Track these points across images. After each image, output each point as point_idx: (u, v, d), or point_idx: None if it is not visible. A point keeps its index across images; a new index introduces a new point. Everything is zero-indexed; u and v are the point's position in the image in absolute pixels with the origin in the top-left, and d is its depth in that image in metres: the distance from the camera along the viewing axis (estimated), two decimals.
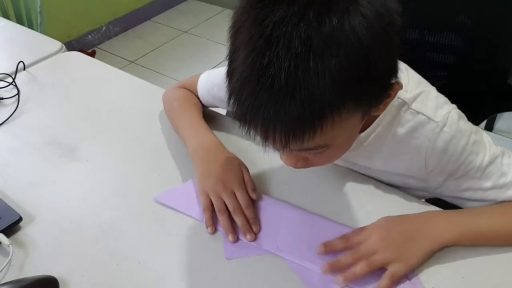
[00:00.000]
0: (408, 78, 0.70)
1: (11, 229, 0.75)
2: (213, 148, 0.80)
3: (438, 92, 0.72)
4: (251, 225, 0.72)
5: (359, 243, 0.67)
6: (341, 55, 0.49)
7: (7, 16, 1.84)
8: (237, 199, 0.73)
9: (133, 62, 2.73)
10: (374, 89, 0.55)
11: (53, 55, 1.20)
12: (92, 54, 2.67)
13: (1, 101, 1.05)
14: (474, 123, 0.72)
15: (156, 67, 2.66)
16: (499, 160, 0.70)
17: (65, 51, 1.22)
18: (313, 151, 0.59)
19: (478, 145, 0.69)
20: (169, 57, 2.75)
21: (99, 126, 0.97)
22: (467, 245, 0.67)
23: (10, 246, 0.71)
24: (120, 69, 1.17)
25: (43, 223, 0.77)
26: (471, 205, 0.72)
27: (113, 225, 0.76)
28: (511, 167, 0.70)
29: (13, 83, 1.08)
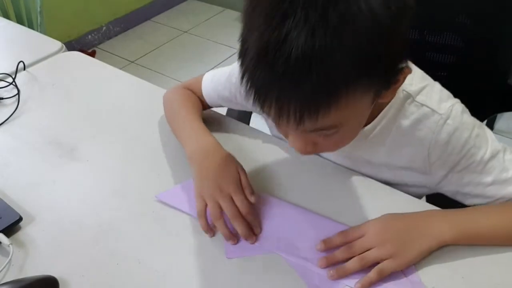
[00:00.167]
0: (412, 72, 0.71)
1: (11, 229, 0.75)
2: (211, 150, 0.78)
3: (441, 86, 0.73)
4: (252, 227, 0.71)
5: (356, 239, 0.67)
6: (357, 31, 0.51)
7: (7, 16, 1.84)
8: (235, 204, 0.71)
9: (133, 62, 2.73)
10: (386, 68, 0.56)
11: (53, 55, 1.20)
12: (92, 54, 2.67)
13: (1, 101, 1.05)
14: None
15: (156, 67, 2.66)
16: (501, 155, 0.70)
17: (65, 51, 1.22)
18: (325, 132, 0.59)
19: (480, 139, 0.69)
20: (169, 57, 2.75)
21: (99, 126, 0.97)
22: (466, 244, 0.67)
23: (10, 246, 0.71)
24: (120, 69, 1.17)
25: (43, 223, 0.77)
26: (471, 202, 0.73)
27: (113, 225, 0.76)
28: None
29: (13, 83, 1.08)
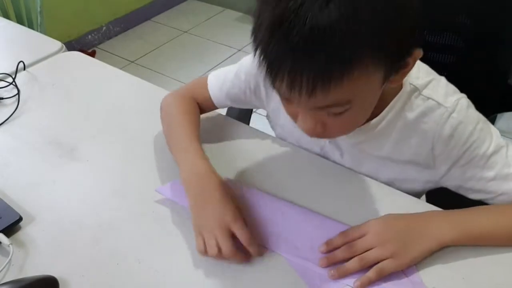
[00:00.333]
0: (418, 66, 0.72)
1: (11, 229, 0.75)
2: (206, 177, 0.74)
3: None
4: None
5: (357, 239, 0.67)
6: (372, 3, 0.52)
7: (7, 16, 1.84)
8: (231, 242, 0.67)
9: (133, 62, 2.73)
10: (398, 44, 0.57)
11: (53, 55, 1.20)
12: (92, 54, 2.67)
13: (1, 101, 1.05)
14: None
15: (156, 67, 2.66)
16: (503, 150, 0.70)
17: (65, 51, 1.22)
18: (335, 109, 0.59)
19: (484, 133, 0.70)
20: (169, 57, 2.75)
21: (99, 126, 0.97)
22: (467, 245, 0.67)
23: (10, 246, 0.71)
24: (120, 69, 1.17)
25: (43, 223, 0.77)
26: (474, 197, 0.73)
27: (113, 225, 0.76)
28: None
29: (13, 83, 1.08)
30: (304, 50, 0.52)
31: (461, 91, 0.73)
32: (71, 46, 2.66)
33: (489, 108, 0.75)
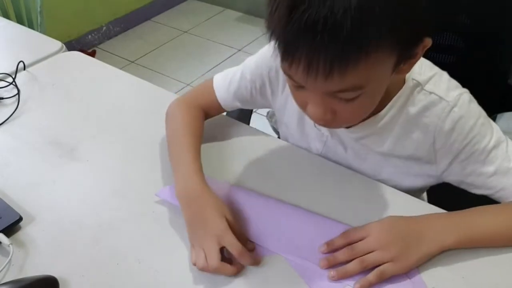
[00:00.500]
0: (421, 62, 0.72)
1: (11, 229, 0.75)
2: (197, 193, 0.73)
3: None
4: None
5: (358, 241, 0.67)
6: None
7: (7, 16, 1.84)
8: (218, 255, 0.67)
9: (133, 62, 2.73)
10: (412, 32, 0.58)
11: (53, 55, 1.20)
12: (92, 54, 2.67)
13: (1, 101, 1.05)
14: None
15: (156, 67, 2.66)
16: (504, 145, 0.71)
17: (65, 51, 1.22)
18: (347, 95, 0.60)
19: (485, 128, 0.70)
20: (169, 57, 2.75)
21: (99, 126, 0.97)
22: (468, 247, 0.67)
23: (10, 246, 0.71)
24: (120, 69, 1.17)
25: (43, 223, 0.77)
26: (475, 192, 0.73)
27: (113, 225, 0.76)
28: None
29: (13, 83, 1.08)
30: (322, 32, 0.52)
31: None
32: (71, 46, 2.66)
33: (489, 108, 0.75)
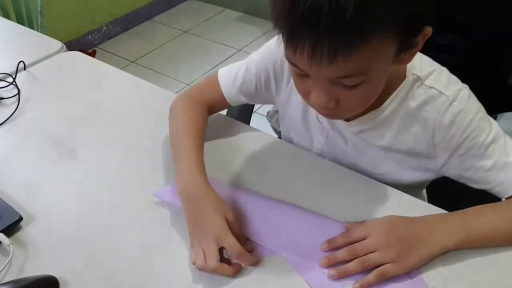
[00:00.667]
0: (421, 58, 0.73)
1: (12, 229, 0.75)
2: (198, 192, 0.73)
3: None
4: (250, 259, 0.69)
5: (359, 240, 0.67)
6: None
7: (7, 16, 1.84)
8: (216, 255, 0.67)
9: (133, 62, 2.73)
10: (413, 19, 0.58)
11: (53, 55, 1.20)
12: (92, 54, 2.67)
13: (1, 101, 1.05)
14: None
15: (156, 67, 2.66)
16: (502, 140, 0.71)
17: (65, 51, 1.22)
18: (351, 80, 0.60)
19: (484, 123, 0.70)
20: (169, 57, 2.75)
21: (99, 126, 0.97)
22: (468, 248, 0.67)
23: (10, 246, 0.71)
24: (120, 69, 1.17)
25: (43, 223, 0.77)
26: (474, 186, 0.74)
27: (113, 225, 0.76)
28: None
29: (14, 83, 1.08)
30: (326, 16, 0.53)
31: None
32: (71, 46, 2.66)
33: (489, 108, 0.75)
